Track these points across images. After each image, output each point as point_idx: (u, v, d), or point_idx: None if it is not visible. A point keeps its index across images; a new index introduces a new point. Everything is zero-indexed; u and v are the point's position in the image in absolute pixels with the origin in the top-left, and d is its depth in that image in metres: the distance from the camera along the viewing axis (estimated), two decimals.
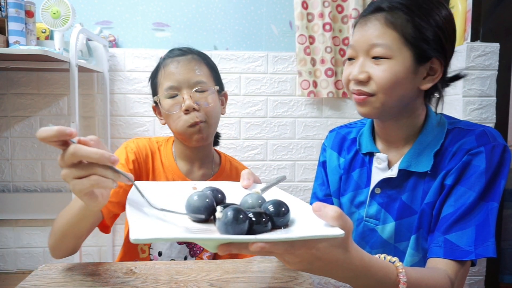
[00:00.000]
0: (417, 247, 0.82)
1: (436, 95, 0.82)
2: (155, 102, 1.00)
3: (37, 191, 2.01)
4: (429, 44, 0.75)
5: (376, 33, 0.76)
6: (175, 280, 0.71)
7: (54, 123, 1.98)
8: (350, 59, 0.82)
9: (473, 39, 1.67)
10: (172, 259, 0.98)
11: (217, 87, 0.99)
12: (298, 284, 0.71)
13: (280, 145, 2.09)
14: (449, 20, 0.77)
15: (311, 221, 0.50)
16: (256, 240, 0.43)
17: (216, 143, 1.15)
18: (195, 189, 0.66)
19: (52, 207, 1.96)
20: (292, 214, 0.54)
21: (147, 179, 1.00)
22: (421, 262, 0.82)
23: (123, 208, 0.92)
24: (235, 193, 0.65)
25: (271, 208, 0.52)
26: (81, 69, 1.68)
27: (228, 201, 0.61)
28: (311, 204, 0.99)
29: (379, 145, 0.89)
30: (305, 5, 1.96)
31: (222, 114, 1.05)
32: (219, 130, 1.08)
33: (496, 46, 1.64)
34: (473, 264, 0.76)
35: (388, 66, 0.75)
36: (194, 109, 0.92)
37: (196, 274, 0.74)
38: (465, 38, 1.71)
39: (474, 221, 0.73)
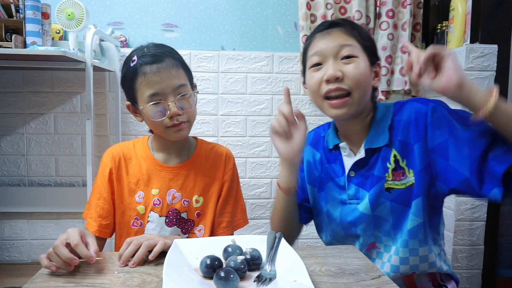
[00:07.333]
0: (418, 213, 0.90)
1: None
2: (131, 103, 1.04)
3: (51, 185, 2.09)
4: (372, 52, 0.95)
5: (343, 38, 0.92)
6: None
7: (68, 120, 2.07)
8: (317, 65, 0.94)
9: (472, 40, 1.71)
10: None
11: (195, 90, 1.06)
12: None
13: None
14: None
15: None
16: None
17: None
18: (234, 242, 0.82)
19: (65, 201, 2.04)
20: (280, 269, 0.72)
21: (121, 180, 1.08)
22: (421, 226, 0.90)
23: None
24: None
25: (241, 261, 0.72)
26: (94, 68, 1.74)
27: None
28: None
29: (342, 139, 1.02)
30: (309, 6, 2.01)
31: None
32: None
33: (494, 47, 1.68)
34: None
35: (357, 63, 0.90)
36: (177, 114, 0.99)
37: None
38: (465, 39, 1.76)
39: (484, 141, 0.81)
